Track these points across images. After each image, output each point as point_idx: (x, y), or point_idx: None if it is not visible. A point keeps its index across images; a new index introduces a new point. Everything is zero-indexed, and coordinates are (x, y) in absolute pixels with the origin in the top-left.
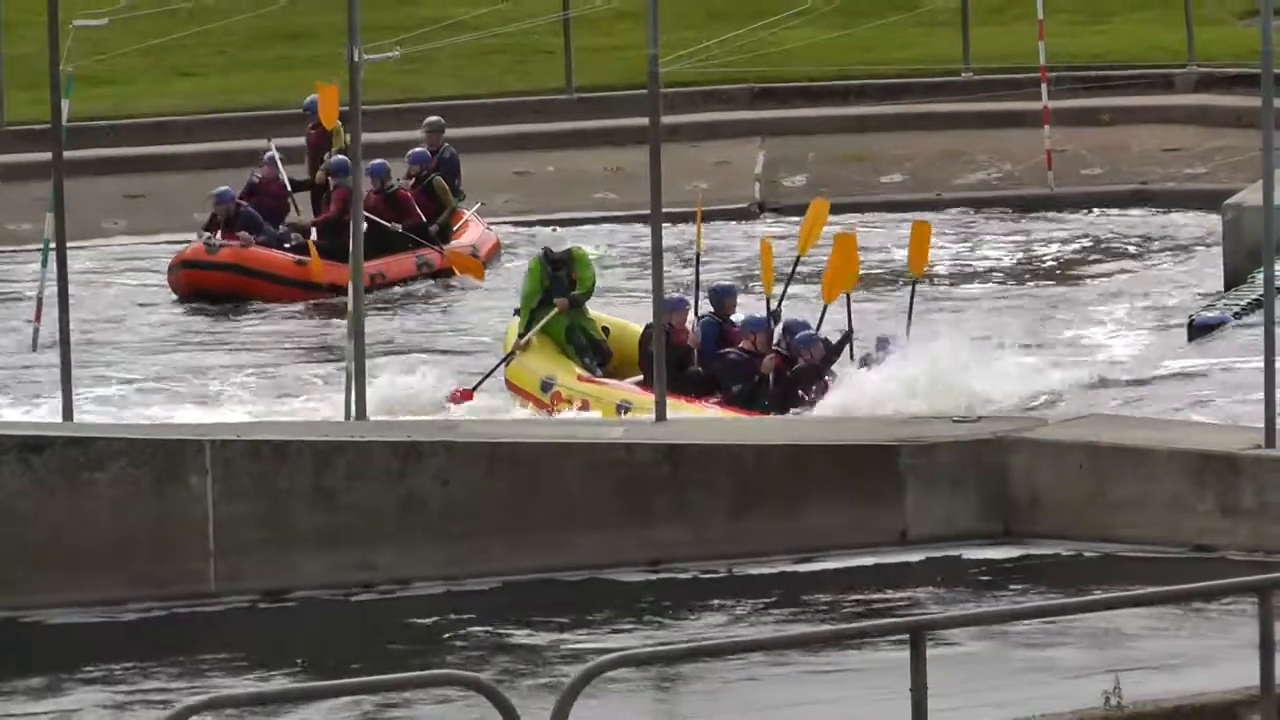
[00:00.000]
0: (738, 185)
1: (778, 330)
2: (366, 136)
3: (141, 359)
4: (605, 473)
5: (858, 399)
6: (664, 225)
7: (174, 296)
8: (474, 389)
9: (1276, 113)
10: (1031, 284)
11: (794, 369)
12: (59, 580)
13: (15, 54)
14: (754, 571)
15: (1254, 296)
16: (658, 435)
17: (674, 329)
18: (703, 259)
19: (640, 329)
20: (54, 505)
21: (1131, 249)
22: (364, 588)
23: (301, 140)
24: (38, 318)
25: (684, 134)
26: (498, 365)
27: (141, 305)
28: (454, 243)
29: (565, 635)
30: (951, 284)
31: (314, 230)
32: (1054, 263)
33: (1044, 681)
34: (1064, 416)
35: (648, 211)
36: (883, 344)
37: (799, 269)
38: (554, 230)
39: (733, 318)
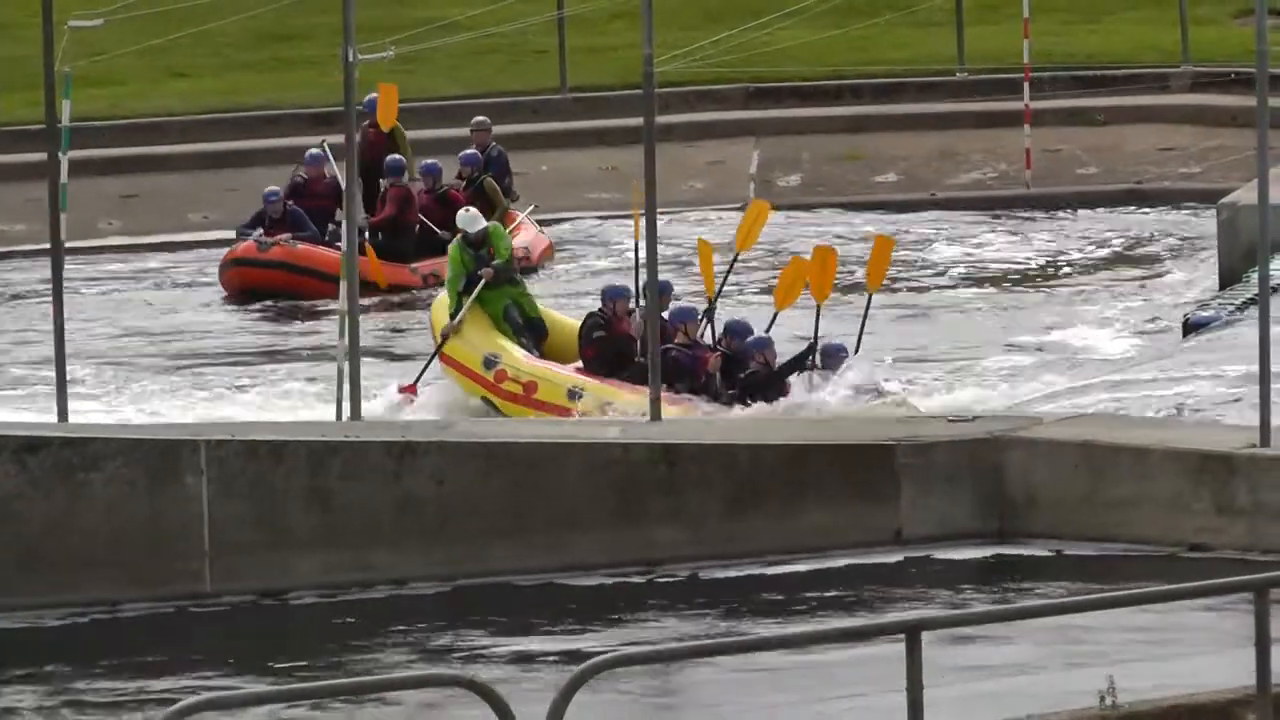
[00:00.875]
0: (732, 185)
1: (709, 328)
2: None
3: (167, 358)
4: (601, 473)
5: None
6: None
7: (223, 294)
8: (415, 382)
9: (1272, 112)
10: (1025, 283)
11: (747, 374)
12: (54, 580)
13: (10, 55)
14: (750, 571)
15: (1249, 296)
16: (653, 435)
17: (616, 318)
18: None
19: (572, 320)
20: (49, 506)
21: (1126, 248)
22: (359, 588)
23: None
24: None
25: (678, 134)
26: (435, 353)
27: (173, 307)
28: None
29: (561, 635)
30: (949, 284)
31: (368, 231)
32: (1048, 262)
33: (1038, 681)
34: (1059, 416)
35: (642, 211)
36: (829, 354)
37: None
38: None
39: (664, 313)
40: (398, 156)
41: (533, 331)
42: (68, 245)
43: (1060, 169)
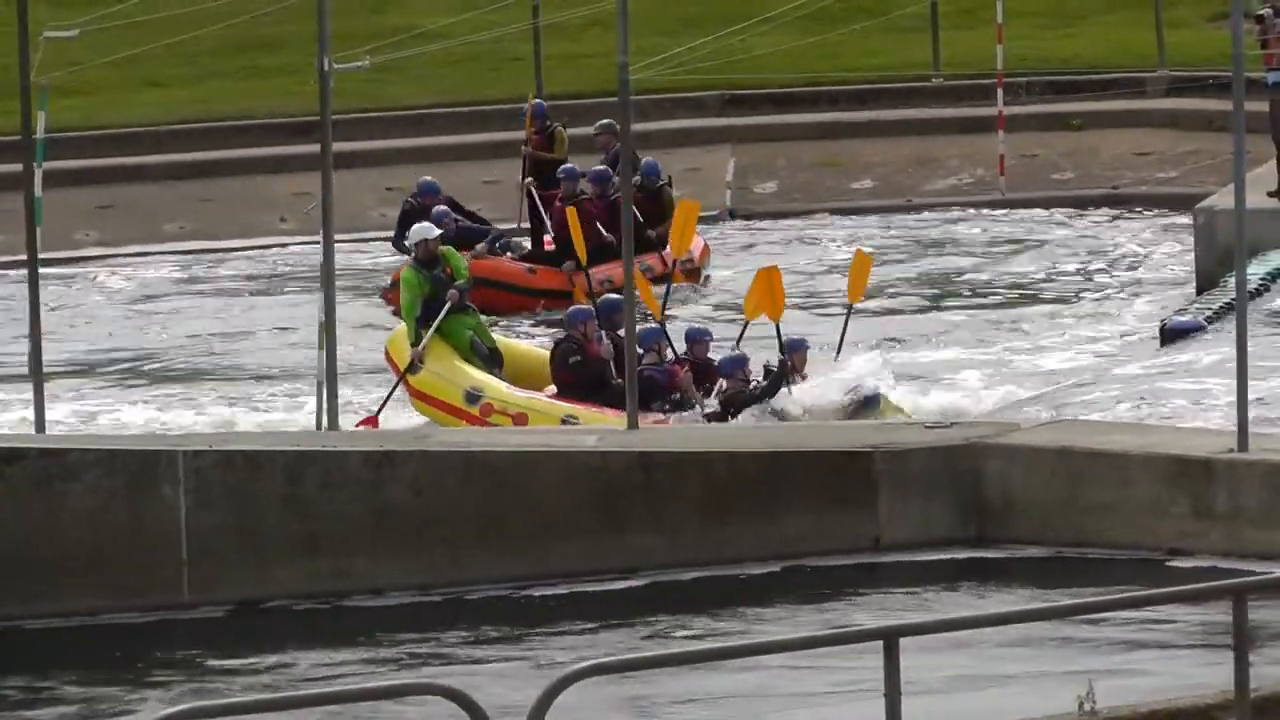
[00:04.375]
0: (709, 192)
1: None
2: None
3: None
4: (579, 481)
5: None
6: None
7: (392, 309)
8: (377, 413)
9: (1247, 116)
10: (1003, 289)
11: (727, 394)
12: (33, 590)
13: None
14: (728, 576)
15: (1226, 300)
16: (631, 443)
17: (587, 340)
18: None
19: (522, 345)
20: (28, 516)
21: (1103, 253)
22: (337, 597)
23: (518, 134)
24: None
25: (655, 141)
26: (398, 382)
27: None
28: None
29: (540, 644)
30: (924, 293)
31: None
32: (1025, 267)
33: (1017, 686)
34: (1037, 421)
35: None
36: (793, 349)
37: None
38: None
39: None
40: (570, 165)
41: (494, 361)
42: (49, 256)
43: (1037, 174)
